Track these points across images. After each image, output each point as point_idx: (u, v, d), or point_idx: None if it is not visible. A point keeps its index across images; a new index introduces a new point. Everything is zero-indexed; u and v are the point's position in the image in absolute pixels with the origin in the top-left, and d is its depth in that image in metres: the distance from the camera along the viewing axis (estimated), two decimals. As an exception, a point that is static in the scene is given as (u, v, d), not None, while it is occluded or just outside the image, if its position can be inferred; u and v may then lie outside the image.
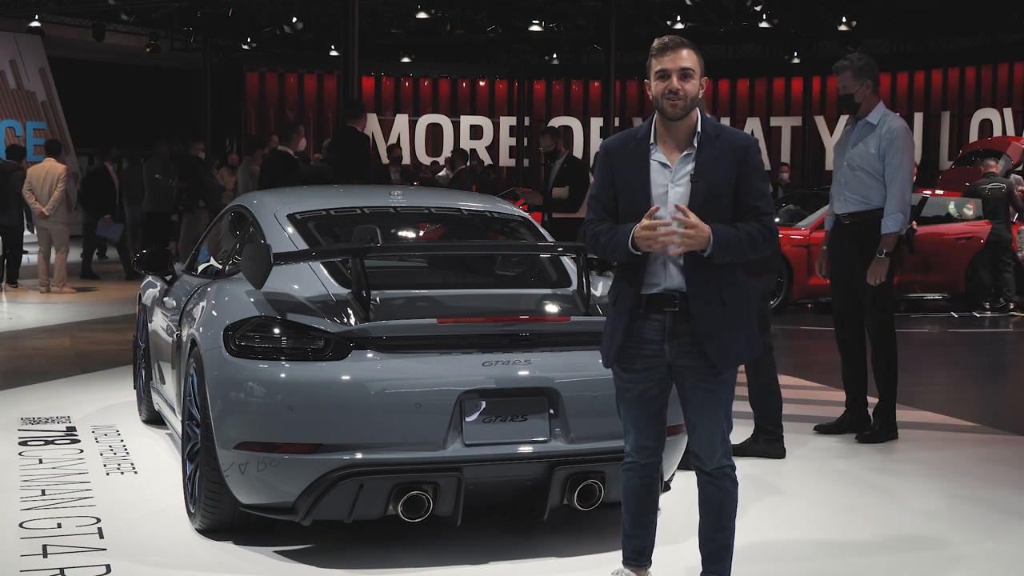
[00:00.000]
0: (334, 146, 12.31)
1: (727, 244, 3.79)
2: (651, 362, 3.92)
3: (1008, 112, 26.88)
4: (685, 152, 3.89)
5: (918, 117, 28.69)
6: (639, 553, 4.14)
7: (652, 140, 3.93)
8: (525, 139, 30.98)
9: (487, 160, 29.26)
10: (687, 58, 3.86)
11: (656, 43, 3.92)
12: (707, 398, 3.90)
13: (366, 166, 11.85)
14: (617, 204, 3.94)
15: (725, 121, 30.72)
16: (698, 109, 3.92)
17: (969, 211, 14.25)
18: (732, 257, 3.82)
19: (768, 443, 6.40)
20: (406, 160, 27.90)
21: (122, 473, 5.95)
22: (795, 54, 29.68)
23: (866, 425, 6.97)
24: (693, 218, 3.75)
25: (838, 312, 7.09)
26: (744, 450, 6.36)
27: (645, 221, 3.78)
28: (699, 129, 3.90)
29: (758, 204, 3.86)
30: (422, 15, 25.31)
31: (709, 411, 3.91)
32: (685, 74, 3.84)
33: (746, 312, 3.95)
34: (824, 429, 7.06)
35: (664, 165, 3.89)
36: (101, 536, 4.90)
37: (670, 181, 3.87)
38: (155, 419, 6.93)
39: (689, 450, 4.07)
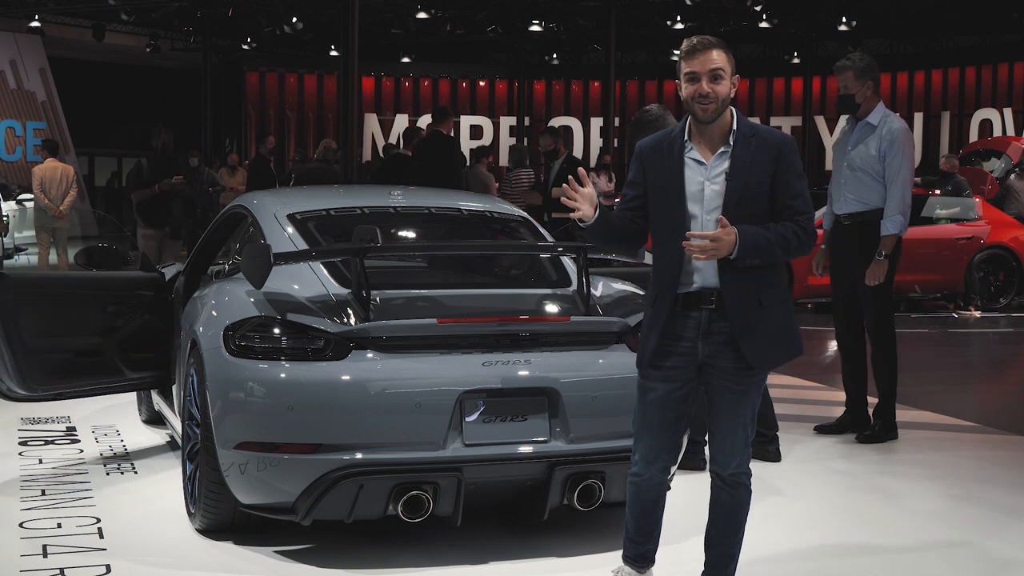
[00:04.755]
0: (421, 149, 12.21)
1: (756, 247, 3.73)
2: (682, 360, 3.86)
3: (1008, 112, 26.91)
4: (721, 150, 3.84)
5: (918, 117, 28.71)
6: (641, 557, 4.11)
7: (687, 137, 3.88)
8: (525, 139, 30.97)
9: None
10: (717, 59, 3.81)
11: (685, 44, 3.87)
12: (734, 400, 3.86)
13: (451, 166, 11.77)
14: (643, 202, 3.92)
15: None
16: (732, 108, 3.87)
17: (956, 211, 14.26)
18: (760, 260, 3.76)
19: (760, 445, 6.39)
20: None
21: (122, 473, 5.95)
22: (795, 54, 29.69)
23: (866, 425, 6.97)
24: (715, 233, 3.69)
25: (838, 312, 7.09)
26: None
27: (692, 243, 3.71)
28: (734, 127, 3.85)
29: (794, 203, 3.80)
30: (422, 15, 25.35)
31: (734, 414, 3.86)
32: (715, 76, 3.80)
33: (784, 313, 3.88)
34: (824, 429, 7.05)
35: (700, 163, 3.84)
36: (101, 536, 4.90)
37: (706, 179, 3.82)
38: (155, 419, 6.93)
39: (708, 453, 4.02)
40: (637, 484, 4.01)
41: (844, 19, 25.47)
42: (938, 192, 14.81)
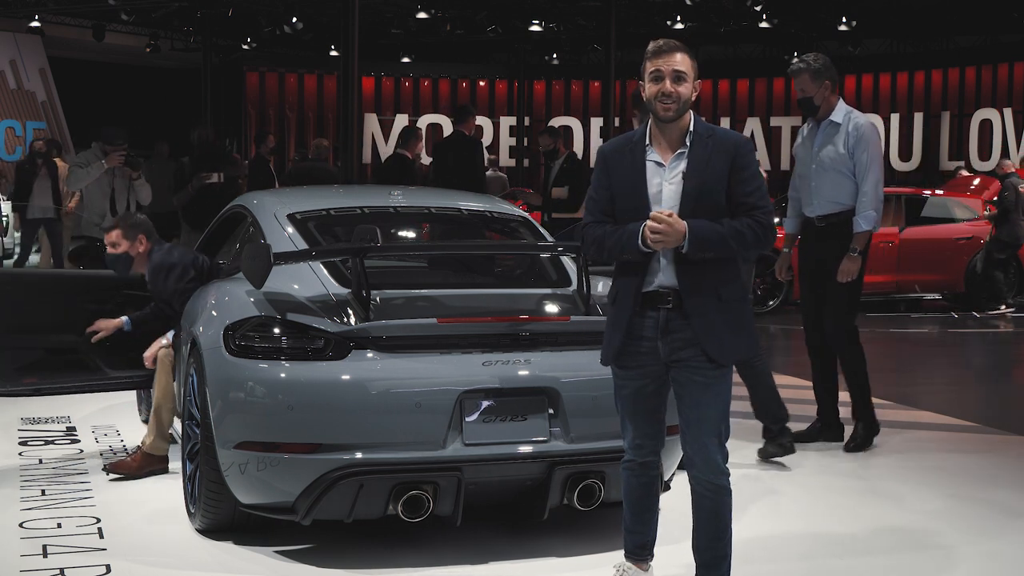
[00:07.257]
0: (442, 150, 12.10)
1: (705, 239, 3.83)
2: (646, 359, 3.96)
3: (1008, 112, 26.87)
4: (678, 151, 3.96)
5: (918, 117, 28.68)
6: (641, 548, 4.18)
7: (647, 141, 4.00)
8: (525, 139, 30.97)
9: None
10: (681, 61, 3.93)
11: (651, 45, 3.99)
12: (701, 394, 3.90)
13: (474, 167, 11.62)
14: (615, 206, 3.99)
15: (725, 121, 30.76)
16: (691, 111, 3.98)
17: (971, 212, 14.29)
18: (712, 252, 3.86)
19: (772, 440, 6.35)
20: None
21: (122, 473, 5.95)
22: (795, 54, 29.66)
23: (838, 431, 6.86)
24: (666, 216, 3.80)
25: (808, 314, 6.87)
26: (758, 454, 6.35)
27: (654, 214, 3.82)
28: (692, 129, 3.97)
29: (749, 199, 3.91)
30: (422, 15, 25.32)
31: (704, 408, 3.91)
32: (678, 77, 3.91)
33: (744, 309, 3.99)
34: (797, 437, 6.88)
35: (659, 164, 3.97)
36: (101, 536, 4.91)
37: (664, 180, 3.94)
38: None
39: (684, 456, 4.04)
40: (631, 471, 4.12)
41: (844, 19, 25.44)
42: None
